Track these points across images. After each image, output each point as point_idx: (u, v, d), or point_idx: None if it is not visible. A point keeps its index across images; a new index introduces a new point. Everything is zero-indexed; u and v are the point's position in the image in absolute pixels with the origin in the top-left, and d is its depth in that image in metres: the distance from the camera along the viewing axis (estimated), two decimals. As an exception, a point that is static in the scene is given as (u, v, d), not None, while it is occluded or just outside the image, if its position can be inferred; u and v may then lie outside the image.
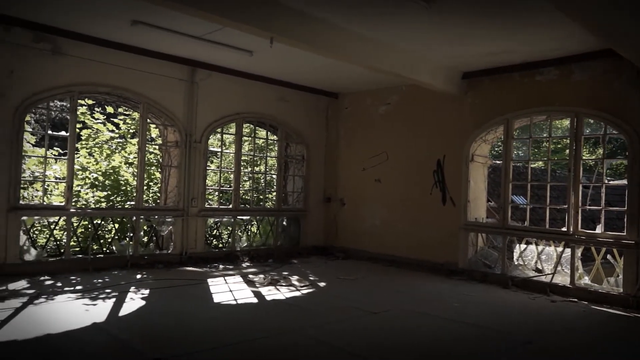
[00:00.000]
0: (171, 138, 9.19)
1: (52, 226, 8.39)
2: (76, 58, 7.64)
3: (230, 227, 10.03)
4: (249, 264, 9.21)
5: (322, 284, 7.71)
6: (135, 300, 6.11)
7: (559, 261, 7.76)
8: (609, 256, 7.62)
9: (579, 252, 7.64)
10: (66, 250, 7.83)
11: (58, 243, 8.27)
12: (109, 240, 8.96)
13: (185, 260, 8.82)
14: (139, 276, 7.54)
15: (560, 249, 7.81)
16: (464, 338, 5.27)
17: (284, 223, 10.85)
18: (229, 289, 7.03)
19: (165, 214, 8.91)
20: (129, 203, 9.51)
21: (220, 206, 10.61)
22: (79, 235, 8.57)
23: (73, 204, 8.10)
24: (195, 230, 9.07)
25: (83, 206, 9.22)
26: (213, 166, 12.24)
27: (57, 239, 8.39)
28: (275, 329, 5.26)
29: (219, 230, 10.90)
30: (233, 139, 10.24)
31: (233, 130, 10.00)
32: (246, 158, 11.73)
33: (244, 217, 10.34)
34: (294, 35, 6.40)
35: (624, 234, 7.12)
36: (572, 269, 7.47)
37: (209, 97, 9.21)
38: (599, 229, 7.54)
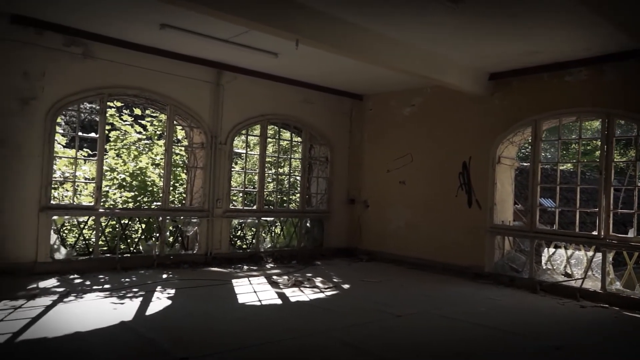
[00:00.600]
0: (197, 140, 9.30)
1: (82, 226, 8.58)
2: (106, 61, 7.80)
3: (255, 228, 10.09)
4: (272, 265, 9.25)
5: (346, 286, 7.68)
6: (161, 300, 6.19)
7: (589, 266, 7.58)
8: (641, 261, 7.42)
9: (610, 257, 7.45)
10: (95, 249, 7.99)
11: (87, 242, 8.44)
12: (136, 240, 9.10)
13: (210, 261, 8.91)
14: (165, 276, 7.64)
15: (590, 254, 7.62)
16: (491, 342, 5.18)
17: (308, 224, 10.86)
18: (253, 290, 7.07)
19: (191, 215, 9.01)
20: (155, 203, 9.66)
21: (244, 207, 10.68)
22: (107, 234, 8.75)
23: (101, 204, 8.26)
24: (220, 231, 9.16)
25: (111, 206, 9.39)
26: (237, 167, 12.34)
27: (86, 238, 8.57)
28: (300, 330, 5.26)
29: (243, 231, 10.98)
30: (257, 141, 10.31)
31: (257, 131, 10.06)
32: (270, 159, 11.78)
33: (268, 219, 10.39)
34: (320, 37, 6.40)
35: (658, 238, 6.92)
36: (603, 273, 7.28)
37: (234, 99, 9.29)
38: (631, 233, 7.33)
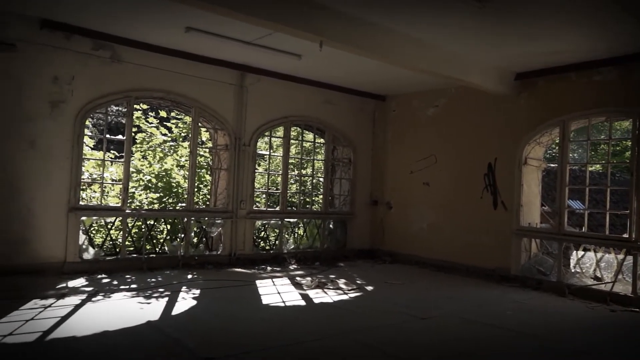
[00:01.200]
0: (221, 141, 9.38)
1: (109, 226, 8.74)
2: (133, 64, 7.94)
3: (278, 230, 10.13)
4: (295, 267, 9.27)
5: (370, 288, 7.65)
6: (186, 300, 6.26)
7: (619, 269, 7.39)
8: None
9: (642, 261, 7.24)
10: (122, 249, 8.13)
11: (114, 242, 8.59)
12: (162, 240, 9.23)
13: (234, 262, 8.97)
14: (189, 276, 7.72)
15: (621, 257, 7.43)
16: (518, 347, 5.09)
17: (331, 226, 10.86)
18: (277, 291, 7.09)
19: (215, 216, 9.09)
20: (180, 204, 9.77)
21: (267, 209, 10.73)
22: (133, 235, 8.88)
23: (128, 205, 8.39)
24: (244, 232, 9.22)
25: (137, 207, 9.54)
26: (261, 169, 12.41)
27: (113, 238, 8.72)
28: (324, 332, 5.26)
29: (267, 232, 11.04)
30: (281, 142, 10.35)
31: (281, 133, 10.10)
32: (293, 161, 11.82)
33: (291, 220, 10.42)
34: (345, 38, 6.39)
35: (693, 242, 6.70)
36: (634, 277, 7.08)
37: (258, 101, 9.35)
38: (664, 236, 7.12)
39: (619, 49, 7.07)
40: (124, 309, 5.67)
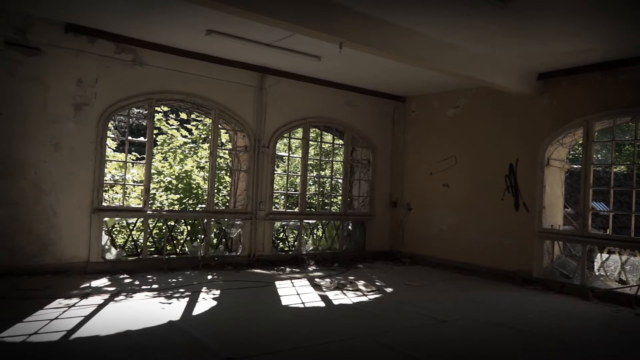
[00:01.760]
0: (241, 143, 9.44)
1: (131, 227, 8.85)
2: (154, 67, 8.04)
3: (297, 231, 10.15)
4: (314, 268, 9.27)
5: (389, 290, 7.61)
6: (207, 300, 6.30)
7: (646, 273, 7.22)
8: None
9: (670, 264, 7.08)
10: (143, 250, 8.22)
11: (135, 243, 8.70)
12: (182, 241, 9.32)
13: (253, 263, 9.01)
14: (209, 277, 7.78)
15: (647, 260, 7.26)
16: (541, 350, 5.01)
17: (350, 227, 10.83)
18: (296, 292, 7.10)
19: (235, 217, 9.14)
20: (200, 206, 9.86)
21: (286, 210, 10.76)
22: (154, 235, 8.98)
23: (149, 206, 8.49)
24: (263, 233, 9.25)
25: (158, 208, 9.65)
26: (280, 170, 12.44)
27: (135, 239, 8.83)
28: (345, 333, 5.25)
29: (285, 234, 11.06)
30: (300, 144, 10.36)
31: (300, 134, 10.12)
32: (312, 162, 11.83)
33: (310, 221, 10.43)
34: (365, 40, 6.36)
35: None
36: (662, 281, 6.93)
37: (277, 103, 9.38)
38: (692, 239, 6.95)
39: (646, 47, 6.92)
40: (146, 309, 5.73)
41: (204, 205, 9.28)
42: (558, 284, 8.01)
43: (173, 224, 9.15)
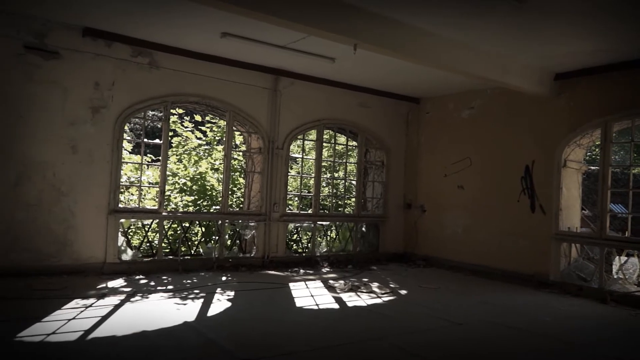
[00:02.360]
0: (255, 145, 9.48)
1: (146, 228, 8.93)
2: (170, 70, 8.11)
3: (310, 233, 10.15)
4: (328, 269, 9.26)
5: (404, 292, 7.57)
6: (221, 302, 6.33)
7: (666, 276, 7.09)
8: None
9: (691, 267, 6.95)
10: (158, 251, 8.29)
11: (151, 244, 8.78)
12: (196, 242, 9.37)
13: (267, 264, 9.04)
14: (224, 278, 7.81)
15: (667, 263, 7.14)
16: (557, 354, 4.95)
17: (363, 229, 10.81)
18: (310, 294, 7.10)
19: (249, 219, 9.17)
20: (214, 207, 9.91)
21: (300, 212, 10.77)
22: (169, 237, 9.05)
23: (164, 207, 8.56)
24: (277, 235, 9.27)
25: (173, 210, 9.72)
26: (293, 172, 12.46)
27: (150, 240, 8.91)
28: (359, 335, 5.24)
29: (299, 235, 11.07)
30: (313, 145, 10.37)
31: (313, 136, 10.12)
32: (326, 164, 11.82)
33: (324, 223, 10.42)
34: (380, 41, 6.34)
35: None
36: (683, 285, 6.80)
37: (291, 105, 9.40)
38: None
39: (666, 47, 6.81)
40: (162, 310, 5.77)
41: (218, 207, 9.33)
42: (575, 287, 7.90)
43: (188, 225, 9.22)
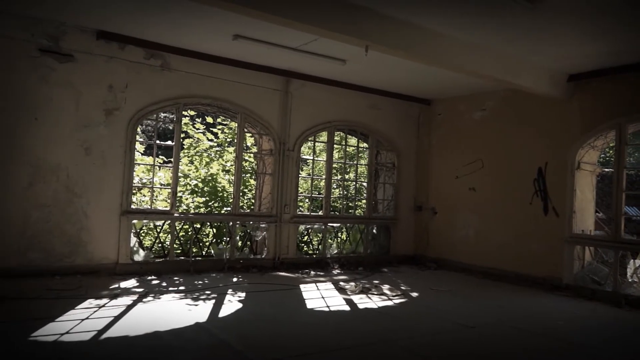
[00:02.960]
0: (266, 146, 9.50)
1: (158, 229, 8.99)
2: (182, 72, 8.16)
3: (321, 234, 10.15)
4: (339, 271, 9.25)
5: (415, 294, 7.54)
6: (233, 303, 6.35)
7: (682, 280, 6.99)
8: None
9: None
10: (170, 252, 8.34)
11: (162, 245, 8.83)
12: (208, 243, 9.42)
13: (277, 265, 9.05)
14: (235, 279, 7.84)
15: (683, 267, 7.04)
16: (571, 359, 4.91)
17: (374, 231, 10.79)
18: (321, 296, 7.10)
19: (260, 220, 9.19)
20: (225, 209, 9.95)
21: (311, 213, 10.77)
22: (181, 238, 9.11)
23: (176, 208, 8.61)
24: (288, 236, 9.29)
25: (184, 211, 9.78)
26: (304, 173, 12.47)
27: (162, 241, 8.97)
28: (370, 338, 5.22)
29: (310, 237, 11.08)
30: (324, 147, 10.37)
31: (324, 138, 10.13)
32: (336, 165, 11.82)
33: (335, 225, 10.42)
34: (391, 43, 6.33)
35: None
36: (699, 289, 6.70)
37: (302, 106, 9.42)
38: None
39: (682, 48, 6.72)
40: (173, 310, 5.81)
41: (229, 208, 9.37)
42: (589, 290, 7.81)
43: (199, 226, 9.26)
